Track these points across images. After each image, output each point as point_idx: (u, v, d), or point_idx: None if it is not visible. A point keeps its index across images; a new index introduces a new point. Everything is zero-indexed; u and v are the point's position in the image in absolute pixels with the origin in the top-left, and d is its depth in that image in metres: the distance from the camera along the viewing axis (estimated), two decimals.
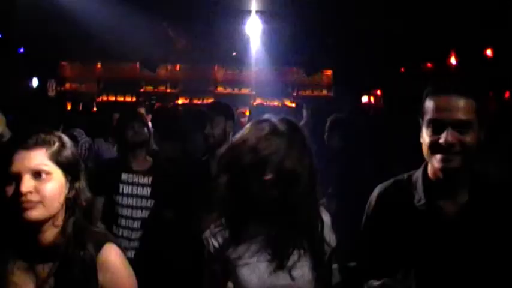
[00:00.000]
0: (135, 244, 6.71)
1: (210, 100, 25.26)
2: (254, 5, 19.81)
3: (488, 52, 15.92)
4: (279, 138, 3.31)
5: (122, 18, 19.36)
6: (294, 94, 25.68)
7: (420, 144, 3.40)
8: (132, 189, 6.79)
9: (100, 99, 25.08)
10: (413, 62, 19.99)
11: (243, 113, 19.03)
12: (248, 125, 3.44)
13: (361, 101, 24.09)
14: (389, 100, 21.99)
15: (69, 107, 20.28)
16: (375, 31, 19.59)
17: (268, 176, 3.17)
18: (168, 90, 25.74)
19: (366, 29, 19.72)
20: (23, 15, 18.58)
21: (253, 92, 25.56)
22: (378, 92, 24.40)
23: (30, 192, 3.02)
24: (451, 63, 17.81)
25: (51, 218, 3.13)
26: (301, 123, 9.35)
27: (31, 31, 19.14)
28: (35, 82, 23.03)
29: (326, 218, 3.56)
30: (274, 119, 3.40)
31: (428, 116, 3.36)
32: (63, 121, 10.22)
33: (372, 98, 24.60)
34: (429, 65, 19.58)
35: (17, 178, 3.02)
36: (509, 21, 13.82)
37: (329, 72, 25.49)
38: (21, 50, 20.92)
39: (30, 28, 19.07)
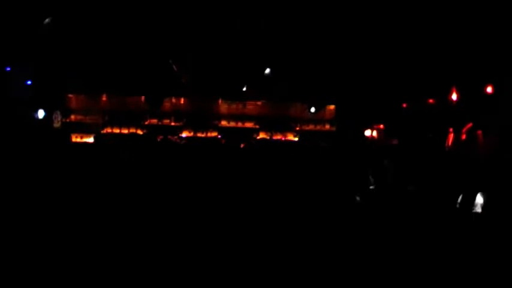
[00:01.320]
0: None
1: (214, 133, 25.47)
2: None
3: (489, 89, 16.09)
4: None
5: (128, 53, 19.72)
6: (297, 128, 25.84)
7: None
8: None
9: (105, 131, 25.26)
10: (415, 98, 20.19)
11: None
12: None
13: (364, 134, 24.25)
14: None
15: (73, 139, 20.49)
16: (377, 67, 19.88)
17: None
18: (173, 124, 25.92)
19: (369, 65, 20.02)
20: (31, 49, 18.94)
21: (257, 126, 25.74)
22: (381, 126, 24.56)
23: None
24: (452, 99, 17.98)
25: None
26: None
27: (38, 64, 19.47)
28: (41, 113, 23.27)
29: None
30: None
31: None
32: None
33: (374, 132, 24.75)
34: (431, 100, 19.76)
35: None
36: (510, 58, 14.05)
37: (332, 107, 25.70)
38: (29, 82, 21.22)
39: (37, 61, 19.40)
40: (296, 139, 25.19)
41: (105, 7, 20.78)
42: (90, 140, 23.43)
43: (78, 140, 23.55)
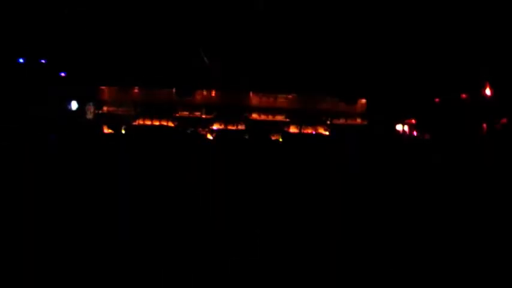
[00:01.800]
0: None
1: (244, 126, 25.51)
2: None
3: None
4: None
5: (159, 46, 19.83)
6: (328, 122, 25.68)
7: None
8: None
9: (136, 123, 25.50)
10: (448, 92, 19.90)
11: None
12: None
13: (395, 129, 24.01)
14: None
15: (105, 130, 20.74)
16: (410, 61, 19.63)
17: None
18: (203, 116, 26.02)
19: (402, 58, 19.78)
20: (66, 42, 19.19)
21: (288, 119, 25.67)
22: (413, 121, 24.28)
23: None
24: (486, 94, 17.68)
25: None
26: None
27: (73, 56, 19.72)
28: (74, 105, 23.62)
29: None
30: None
31: None
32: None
33: (405, 127, 24.48)
34: (464, 95, 19.45)
35: None
36: None
37: (363, 101, 25.47)
38: (63, 74, 21.54)
39: (71, 54, 19.66)
40: (327, 133, 25.06)
41: (139, 2, 20.94)
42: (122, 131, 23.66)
43: (110, 131, 23.83)
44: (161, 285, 4.58)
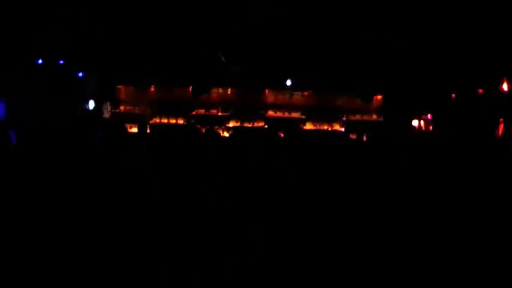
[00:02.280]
0: None
1: (261, 123, 25.60)
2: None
3: None
4: None
5: (175, 43, 19.95)
6: (344, 119, 25.72)
7: None
8: None
9: (153, 121, 25.72)
10: (464, 88, 19.86)
11: None
12: None
13: (411, 125, 23.99)
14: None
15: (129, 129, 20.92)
16: (426, 56, 19.61)
17: None
18: (220, 114, 26.17)
19: (418, 53, 19.75)
20: (82, 42, 19.39)
21: (304, 116, 25.76)
22: (429, 116, 24.23)
23: None
24: (503, 90, 17.62)
25: None
26: None
27: (89, 56, 19.94)
28: (91, 104, 23.89)
29: None
30: None
31: None
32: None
33: (422, 122, 24.45)
34: (480, 91, 19.41)
35: None
36: None
37: (379, 97, 25.47)
38: (80, 74, 21.81)
39: (88, 53, 19.87)
40: (342, 129, 25.10)
41: (156, 1, 21.10)
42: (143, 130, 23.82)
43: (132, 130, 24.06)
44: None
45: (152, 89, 26.17)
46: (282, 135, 19.24)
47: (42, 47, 18.90)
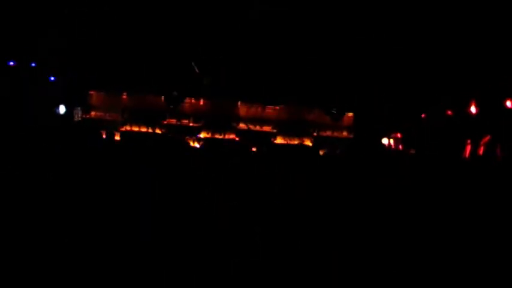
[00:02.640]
0: None
1: (232, 136, 25.63)
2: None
3: (508, 103, 16.09)
4: None
5: (149, 52, 19.92)
6: (315, 134, 25.88)
7: None
8: None
9: (124, 128, 25.52)
10: (434, 109, 20.21)
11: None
12: None
13: (381, 143, 24.27)
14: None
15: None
16: (398, 76, 19.92)
17: None
18: (191, 124, 26.10)
19: (390, 73, 20.06)
20: (55, 45, 19.22)
21: (275, 130, 25.85)
22: (398, 135, 24.56)
23: None
24: (471, 112, 17.98)
25: None
26: None
27: (62, 61, 19.77)
28: (62, 109, 23.62)
29: None
30: None
31: None
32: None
33: (391, 141, 24.75)
34: (449, 112, 19.77)
35: None
36: None
37: (350, 114, 25.72)
38: (52, 78, 21.58)
39: (61, 58, 19.69)
40: (310, 144, 25.27)
41: (129, 7, 21.05)
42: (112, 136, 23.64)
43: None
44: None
45: (124, 96, 25.99)
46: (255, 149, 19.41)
47: (17, 49, 18.70)
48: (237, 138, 25.56)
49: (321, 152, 22.22)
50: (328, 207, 8.17)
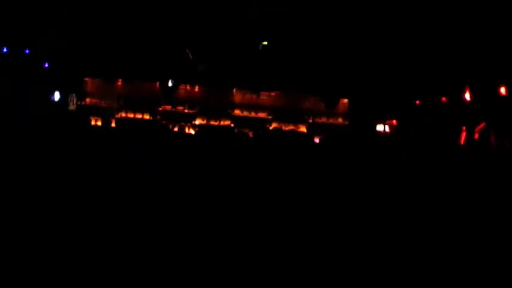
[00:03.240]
0: None
1: (227, 122, 25.67)
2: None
3: (502, 90, 16.17)
4: None
5: (144, 39, 19.87)
6: (310, 121, 25.96)
7: None
8: None
9: (119, 115, 25.52)
10: (428, 96, 20.28)
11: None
12: None
13: (376, 129, 24.35)
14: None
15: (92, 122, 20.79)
16: (394, 63, 19.95)
17: None
18: (186, 111, 26.13)
19: (385, 60, 20.09)
20: (49, 32, 19.15)
21: (270, 116, 25.92)
22: (394, 122, 24.63)
23: None
24: (465, 99, 18.07)
25: None
26: None
27: (56, 47, 19.71)
28: (57, 96, 23.58)
29: None
30: None
31: None
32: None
33: (386, 127, 24.82)
34: (444, 99, 19.84)
35: None
36: None
37: (345, 100, 25.79)
38: (46, 65, 21.52)
39: (55, 44, 19.63)
40: (305, 131, 25.36)
41: None
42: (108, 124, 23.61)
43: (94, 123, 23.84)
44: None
45: (119, 83, 25.96)
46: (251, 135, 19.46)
47: (10, 37, 18.63)
48: (232, 125, 25.61)
49: (316, 139, 22.24)
50: (326, 204, 8.23)
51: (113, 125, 22.69)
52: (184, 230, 6.44)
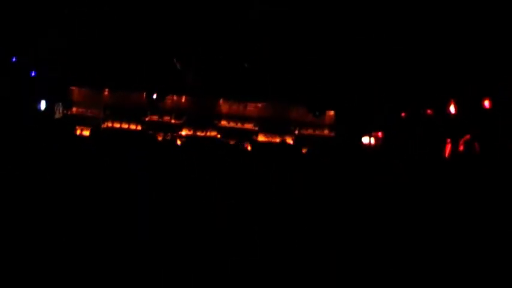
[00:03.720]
0: None
1: (213, 133, 25.71)
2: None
3: (486, 103, 16.37)
4: None
5: (131, 48, 19.87)
6: (296, 132, 26.06)
7: None
8: None
9: (105, 125, 25.47)
10: (414, 108, 20.48)
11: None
12: None
13: (362, 141, 24.49)
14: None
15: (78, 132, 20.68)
16: (378, 74, 20.12)
17: None
18: (173, 121, 26.14)
19: (370, 71, 20.26)
20: (36, 40, 19.11)
21: (256, 128, 25.99)
22: (379, 134, 24.80)
23: None
24: (450, 112, 18.27)
25: None
26: None
27: (43, 55, 19.67)
28: (43, 105, 23.48)
29: None
30: None
31: None
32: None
33: (372, 139, 24.98)
34: (429, 111, 20.04)
35: None
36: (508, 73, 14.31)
37: (331, 112, 25.94)
38: (33, 73, 21.45)
39: (42, 52, 19.59)
40: (292, 142, 25.45)
41: (110, 3, 20.99)
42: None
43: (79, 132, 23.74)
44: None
45: (106, 93, 25.93)
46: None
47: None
48: (218, 136, 25.65)
49: (303, 151, 22.28)
50: (325, 205, 8.28)
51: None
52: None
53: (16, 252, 5.09)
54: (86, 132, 23.94)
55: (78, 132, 21.01)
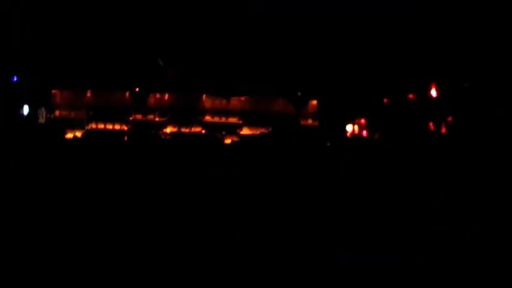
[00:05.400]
0: None
1: (198, 129, 25.74)
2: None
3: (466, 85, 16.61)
4: None
5: (113, 48, 19.85)
6: (279, 123, 26.12)
7: None
8: None
9: (89, 126, 25.39)
10: (396, 93, 20.67)
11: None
12: None
13: (345, 129, 24.68)
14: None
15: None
16: (360, 63, 20.30)
17: None
18: (157, 119, 26.13)
19: (352, 60, 20.42)
20: (17, 45, 19.03)
21: (241, 121, 26.05)
22: (362, 121, 24.99)
23: None
24: (431, 95, 18.48)
25: None
26: None
27: (24, 60, 19.59)
28: (25, 110, 23.33)
29: None
30: None
31: None
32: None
33: (356, 127, 25.18)
34: (411, 96, 20.25)
35: None
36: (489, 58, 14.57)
37: (314, 102, 26.06)
38: (15, 78, 21.33)
39: (23, 57, 19.52)
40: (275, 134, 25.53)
41: (90, 4, 20.93)
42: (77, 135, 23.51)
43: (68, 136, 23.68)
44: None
45: (89, 94, 25.83)
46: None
47: None
48: (203, 131, 25.68)
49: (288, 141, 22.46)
50: (321, 203, 8.40)
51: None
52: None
53: (14, 252, 5.17)
54: (70, 135, 23.91)
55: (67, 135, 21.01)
